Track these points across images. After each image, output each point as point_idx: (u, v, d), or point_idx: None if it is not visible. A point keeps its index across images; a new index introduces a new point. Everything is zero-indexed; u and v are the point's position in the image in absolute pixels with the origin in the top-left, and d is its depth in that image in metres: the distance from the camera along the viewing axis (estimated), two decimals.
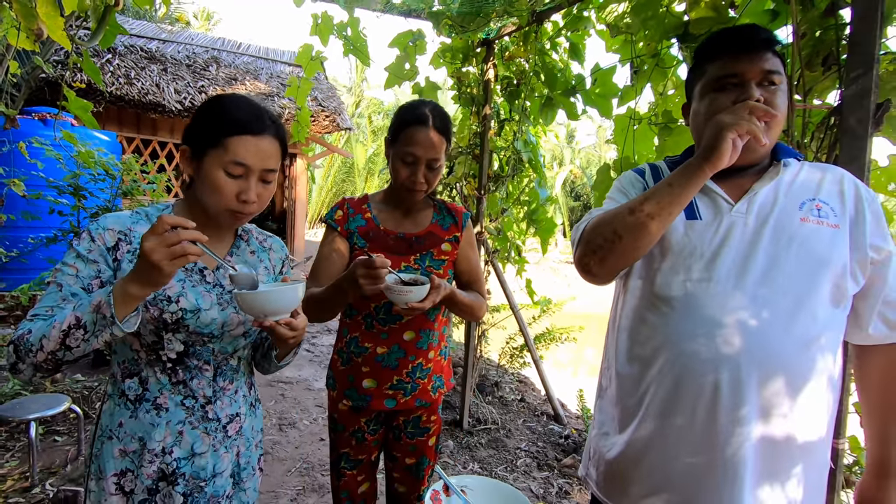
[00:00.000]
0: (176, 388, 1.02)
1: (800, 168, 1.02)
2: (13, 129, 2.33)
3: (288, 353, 1.12)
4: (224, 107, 1.00)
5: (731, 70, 0.98)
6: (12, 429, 2.85)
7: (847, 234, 0.93)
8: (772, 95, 0.95)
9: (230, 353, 1.09)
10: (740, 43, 0.98)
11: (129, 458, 1.01)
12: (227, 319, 1.05)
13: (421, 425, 1.47)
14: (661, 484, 0.97)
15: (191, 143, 1.01)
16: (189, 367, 1.03)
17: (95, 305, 0.85)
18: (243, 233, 1.17)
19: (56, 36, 2.14)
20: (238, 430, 1.11)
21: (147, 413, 1.01)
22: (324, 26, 2.60)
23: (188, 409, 1.03)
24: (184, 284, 1.02)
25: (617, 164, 1.98)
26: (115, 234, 0.98)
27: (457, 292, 1.34)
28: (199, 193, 1.01)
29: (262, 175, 1.01)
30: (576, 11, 2.37)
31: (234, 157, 0.96)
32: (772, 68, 0.96)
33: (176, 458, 1.02)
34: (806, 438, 0.90)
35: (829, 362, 0.91)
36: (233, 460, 1.11)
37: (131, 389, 1.02)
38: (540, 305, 4.10)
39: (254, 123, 0.98)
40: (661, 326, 0.98)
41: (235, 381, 1.11)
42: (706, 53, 1.04)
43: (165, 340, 1.00)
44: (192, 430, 1.03)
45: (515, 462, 2.99)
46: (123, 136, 7.13)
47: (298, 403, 3.69)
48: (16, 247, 3.56)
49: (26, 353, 0.86)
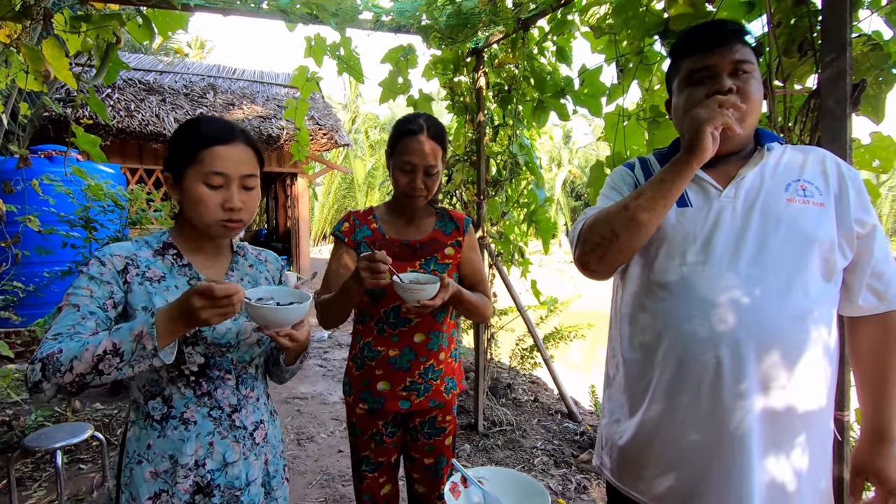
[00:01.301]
0: (201, 401, 1.05)
1: (783, 151, 1.06)
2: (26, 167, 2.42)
3: (295, 360, 1.16)
4: (192, 126, 1.06)
5: (704, 64, 1.03)
6: (38, 459, 2.90)
7: (833, 211, 0.97)
8: (744, 84, 1.00)
9: (248, 361, 1.12)
10: (710, 37, 1.03)
11: (162, 478, 1.01)
12: (241, 328, 1.09)
13: (437, 425, 1.52)
14: (673, 462, 1.00)
15: (171, 168, 1.06)
16: (212, 377, 1.06)
17: (137, 335, 0.87)
18: (239, 249, 1.21)
19: (62, 76, 2.24)
20: (264, 438, 1.14)
21: (175, 430, 1.02)
22: (317, 48, 2.69)
23: (215, 420, 1.06)
24: None
25: (610, 160, 2.04)
26: (123, 259, 1.02)
27: (463, 291, 1.39)
28: (188, 213, 1.05)
29: (242, 182, 1.04)
30: (560, 16, 2.44)
31: (211, 167, 1.01)
32: (741, 58, 1.00)
33: (209, 469, 1.03)
34: (806, 408, 0.93)
35: (823, 334, 0.94)
36: (262, 468, 1.13)
37: (156, 410, 1.03)
38: (547, 305, 4.13)
39: (223, 134, 1.03)
40: (661, 311, 1.02)
41: (256, 388, 1.15)
42: (680, 50, 1.10)
43: (186, 354, 1.02)
44: (221, 441, 1.05)
45: (532, 461, 3.02)
46: (127, 168, 7.27)
47: (315, 418, 3.73)
48: (31, 282, 3.65)
49: (54, 373, 0.86)
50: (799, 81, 1.56)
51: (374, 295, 1.43)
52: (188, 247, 1.11)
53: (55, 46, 2.16)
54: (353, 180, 20.48)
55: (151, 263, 1.05)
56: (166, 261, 1.07)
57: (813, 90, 1.43)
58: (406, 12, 2.45)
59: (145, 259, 1.05)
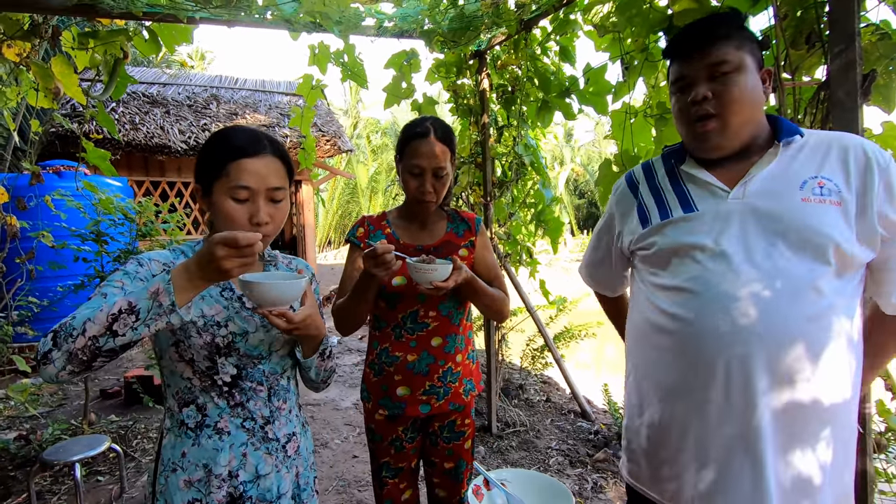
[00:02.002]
0: (235, 411, 1.05)
1: (803, 144, 1.01)
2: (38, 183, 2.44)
3: (312, 352, 1.11)
4: (220, 138, 1.04)
5: (680, 73, 1.05)
6: (56, 472, 2.93)
7: (853, 208, 0.93)
8: (721, 86, 0.99)
9: (279, 373, 1.12)
10: (686, 43, 1.04)
11: (196, 487, 1.01)
12: (273, 339, 1.08)
13: (456, 429, 1.52)
14: (687, 462, 1.00)
15: (199, 180, 1.05)
16: (244, 389, 1.06)
17: (153, 292, 0.84)
18: (270, 258, 1.20)
19: (71, 92, 2.27)
20: (296, 450, 1.14)
21: (209, 439, 1.02)
22: (321, 55, 2.70)
23: (249, 431, 1.05)
24: (228, 311, 1.05)
25: (618, 158, 2.04)
26: (161, 265, 1.03)
27: (477, 279, 1.40)
28: (217, 225, 1.05)
29: (269, 195, 1.03)
30: (562, 16, 2.44)
31: (237, 181, 0.99)
32: (716, 60, 0.99)
33: (242, 481, 1.03)
34: (828, 402, 0.92)
35: (844, 327, 0.93)
36: (293, 481, 1.12)
37: (190, 417, 1.04)
38: (556, 305, 4.12)
39: (249, 146, 1.01)
40: (672, 315, 1.02)
41: (288, 400, 1.14)
42: (666, 55, 1.12)
43: (219, 365, 1.02)
44: (254, 452, 1.05)
45: (547, 461, 3.01)
46: (133, 180, 7.33)
47: (328, 424, 3.74)
48: (45, 296, 3.68)
49: (65, 339, 0.82)
50: (807, 73, 1.55)
51: (391, 300, 1.44)
52: None
53: (64, 63, 2.19)
54: (356, 186, 20.53)
55: None
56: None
57: (822, 82, 1.43)
58: (409, 17, 2.46)
59: None
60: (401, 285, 1.43)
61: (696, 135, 1.04)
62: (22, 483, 2.80)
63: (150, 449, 3.29)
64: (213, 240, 0.84)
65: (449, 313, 1.46)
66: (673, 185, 1.11)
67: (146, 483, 1.02)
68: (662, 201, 1.11)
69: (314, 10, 2.17)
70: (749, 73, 0.99)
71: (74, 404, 4.10)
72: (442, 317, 1.45)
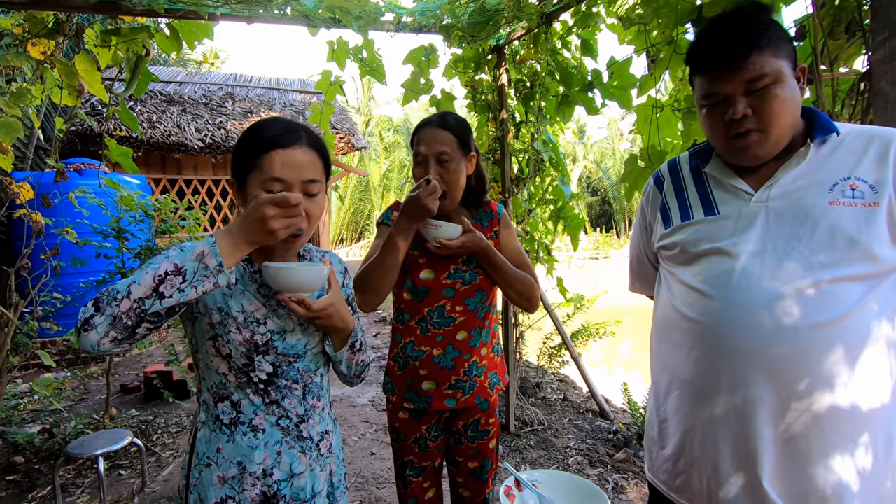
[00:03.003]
0: (270, 409, 1.03)
1: (838, 143, 0.96)
2: (62, 181, 2.47)
3: (341, 346, 1.11)
4: (254, 129, 1.02)
5: (713, 90, 0.96)
6: (80, 466, 2.97)
7: (886, 209, 0.89)
8: (761, 100, 0.92)
9: (313, 370, 1.10)
10: (718, 58, 0.94)
11: (229, 483, 1.00)
12: (309, 339, 1.07)
13: (480, 428, 1.50)
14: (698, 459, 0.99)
15: (235, 174, 1.04)
16: (279, 387, 1.04)
17: (198, 254, 0.84)
18: (305, 253, 1.19)
19: (94, 90, 2.28)
20: (329, 448, 1.12)
21: (244, 436, 1.01)
22: (340, 52, 2.69)
23: (283, 430, 1.04)
24: (266, 307, 1.04)
25: (644, 152, 2.00)
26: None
27: (494, 252, 1.39)
28: None
29: (304, 188, 1.00)
30: (585, 8, 2.40)
31: (270, 173, 0.96)
32: (753, 75, 0.91)
33: (276, 479, 1.02)
34: (865, 408, 0.89)
35: (877, 332, 0.89)
36: (327, 479, 1.11)
37: (225, 413, 1.02)
38: (573, 303, 4.08)
39: (283, 137, 0.98)
40: (688, 313, 1.01)
41: (322, 398, 1.13)
42: (691, 64, 1.02)
43: (256, 362, 1.00)
44: (289, 450, 1.04)
45: (567, 461, 2.98)
46: (151, 178, 7.42)
47: (345, 420, 3.74)
48: (69, 292, 3.74)
49: (108, 303, 0.80)
50: (846, 64, 1.51)
51: (419, 294, 1.42)
52: (258, 251, 1.07)
53: (87, 61, 2.21)
54: (368, 183, 20.60)
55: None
56: (238, 266, 1.05)
57: (863, 73, 1.38)
58: (428, 12, 2.44)
59: None
60: (429, 279, 1.41)
61: (735, 148, 0.98)
62: (46, 476, 2.85)
63: (170, 444, 3.33)
64: (260, 200, 0.84)
65: (476, 307, 1.45)
66: (697, 186, 1.09)
67: (180, 475, 1.02)
68: (685, 201, 1.10)
69: (334, 5, 2.16)
70: (788, 80, 0.93)
71: (96, 398, 4.16)
72: (469, 311, 1.43)
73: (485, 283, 1.44)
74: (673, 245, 1.08)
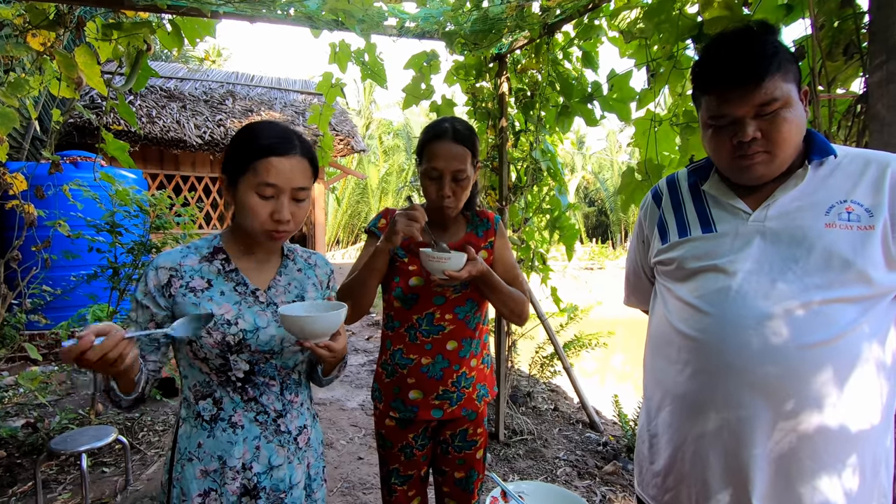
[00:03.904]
0: (248, 406, 1.07)
1: (835, 166, 0.97)
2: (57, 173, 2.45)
3: (333, 370, 1.18)
4: (251, 133, 1.06)
5: (723, 111, 0.94)
6: (62, 462, 2.93)
7: (886, 231, 0.89)
8: (770, 124, 0.92)
9: (291, 367, 1.14)
10: (728, 79, 0.93)
11: (211, 477, 1.04)
12: (285, 336, 1.09)
13: (468, 438, 1.49)
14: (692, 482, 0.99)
15: (226, 172, 1.08)
16: (257, 384, 1.08)
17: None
18: (289, 252, 1.22)
19: (94, 83, 2.27)
20: (307, 442, 1.16)
21: (224, 432, 1.05)
22: (342, 54, 2.70)
23: (262, 425, 1.08)
24: (240, 307, 1.07)
25: (641, 166, 2.00)
26: (167, 272, 1.06)
27: (493, 274, 1.37)
28: (238, 218, 1.08)
29: (294, 194, 1.05)
30: (587, 21, 2.41)
31: (264, 178, 1.01)
32: (765, 99, 0.90)
33: (256, 472, 1.06)
34: (854, 429, 0.89)
35: (868, 354, 0.89)
36: (304, 472, 1.15)
37: (206, 410, 1.06)
38: (567, 313, 4.08)
39: (279, 145, 1.03)
40: (683, 329, 1.01)
41: (300, 394, 1.16)
42: (699, 83, 1.01)
43: (232, 361, 1.05)
44: (267, 444, 1.08)
45: (555, 472, 2.96)
46: (148, 173, 7.38)
47: (334, 424, 3.72)
48: (59, 285, 3.71)
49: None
50: (843, 85, 1.51)
51: (407, 301, 1.41)
52: (238, 250, 1.13)
53: (87, 54, 2.20)
54: (366, 186, 20.59)
55: (196, 273, 1.08)
56: (213, 267, 1.10)
57: (860, 95, 1.39)
58: (431, 18, 2.45)
59: (190, 268, 1.08)
60: (418, 286, 1.40)
61: (740, 168, 0.98)
62: (28, 471, 2.81)
63: (155, 442, 3.29)
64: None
65: (466, 317, 1.44)
66: (695, 203, 1.10)
67: (162, 470, 1.04)
68: (682, 218, 1.10)
69: (337, 7, 2.16)
70: (796, 103, 0.92)
71: (82, 394, 4.12)
72: (458, 320, 1.42)
73: (475, 294, 1.43)
74: (670, 261, 1.08)
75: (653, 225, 1.18)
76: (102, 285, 3.14)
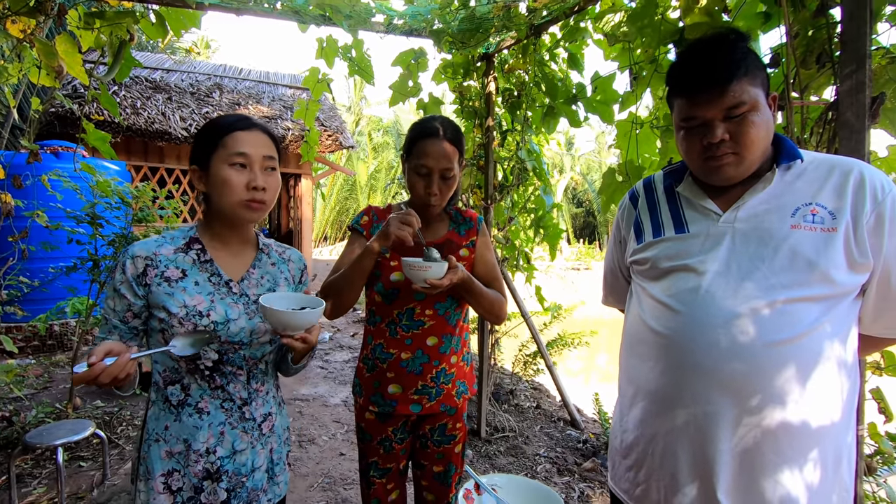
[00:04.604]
0: (215, 393, 1.11)
1: (803, 169, 1.00)
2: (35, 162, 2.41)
3: (303, 358, 1.20)
4: (214, 120, 1.14)
5: (693, 113, 0.98)
6: (38, 456, 2.89)
7: (848, 233, 0.93)
8: (738, 126, 0.95)
9: (259, 357, 1.17)
10: (698, 82, 0.96)
11: (175, 458, 1.08)
12: (255, 328, 1.13)
13: (447, 433, 1.51)
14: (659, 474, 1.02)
15: (197, 161, 1.12)
16: (225, 373, 1.11)
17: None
18: (264, 246, 1.24)
19: (75, 72, 2.24)
20: (271, 428, 1.20)
21: (190, 417, 1.09)
22: (329, 49, 2.69)
23: (227, 412, 1.12)
24: (213, 298, 1.10)
25: (622, 167, 2.03)
26: (143, 261, 1.08)
27: (474, 280, 1.39)
28: (215, 199, 1.10)
29: (264, 163, 1.11)
30: (573, 23, 2.44)
31: (234, 148, 1.08)
32: (733, 102, 0.94)
33: (219, 456, 1.10)
34: (815, 425, 0.92)
35: (830, 352, 0.92)
36: (267, 456, 1.19)
37: (174, 395, 1.09)
38: (550, 312, 4.12)
39: (241, 122, 1.11)
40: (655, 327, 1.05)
41: (266, 383, 1.20)
42: (671, 85, 1.04)
43: (202, 351, 1.07)
44: (231, 430, 1.12)
45: (535, 468, 3.00)
46: (132, 165, 7.27)
47: (316, 420, 3.71)
48: (36, 277, 3.64)
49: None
50: (816, 93, 1.56)
51: (388, 295, 1.42)
52: (214, 241, 1.16)
53: (69, 42, 2.16)
54: (355, 182, 20.49)
55: (171, 262, 1.10)
56: (189, 257, 1.12)
57: (831, 102, 1.43)
58: (419, 16, 2.45)
59: (165, 258, 1.10)
60: (399, 281, 1.41)
61: (709, 168, 1.01)
62: (2, 465, 2.76)
63: (134, 437, 3.25)
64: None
65: (446, 313, 1.45)
66: (669, 204, 1.13)
67: (132, 449, 1.07)
68: (657, 219, 1.13)
69: (325, 2, 2.16)
70: (763, 108, 0.96)
71: (60, 388, 4.05)
72: (438, 316, 1.44)
73: (456, 291, 1.45)
74: (644, 260, 1.11)
75: (629, 225, 1.21)
76: (82, 277, 3.09)
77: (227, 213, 1.11)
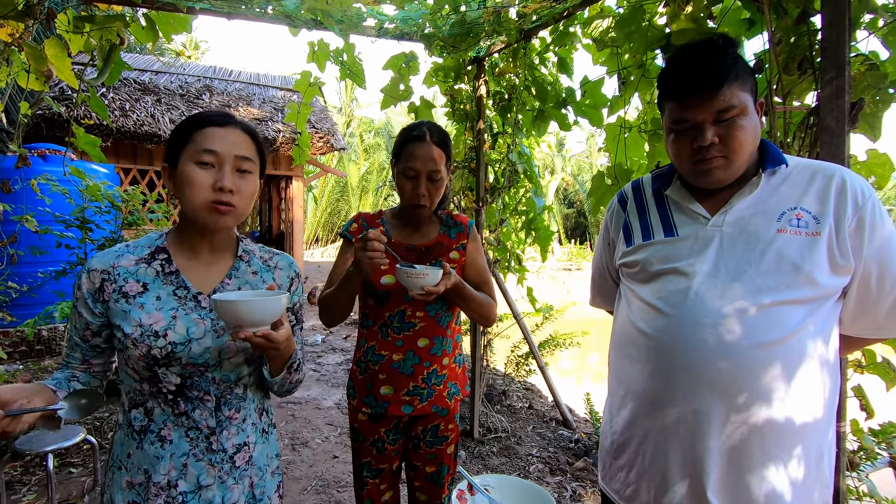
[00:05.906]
0: (179, 420, 0.99)
1: (787, 175, 1.03)
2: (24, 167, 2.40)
3: (280, 370, 1.04)
4: (193, 115, 1.04)
5: (683, 116, 1.00)
6: (28, 462, 2.86)
7: (831, 237, 0.95)
8: (727, 129, 0.97)
9: (233, 381, 1.04)
10: (689, 86, 0.98)
11: (136, 490, 0.98)
12: (223, 347, 1.01)
13: (439, 434, 1.52)
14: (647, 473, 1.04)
15: (168, 157, 1.02)
16: (190, 398, 0.99)
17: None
18: (244, 253, 1.12)
19: (64, 76, 2.22)
20: (247, 460, 1.06)
21: (152, 445, 0.98)
22: (321, 53, 2.70)
23: (192, 441, 1.00)
24: (175, 314, 0.99)
25: (611, 170, 2.06)
26: (99, 275, 0.98)
27: (465, 285, 1.42)
28: (181, 202, 0.99)
29: (237, 163, 0.99)
30: (562, 28, 2.47)
31: (203, 145, 0.97)
32: (723, 106, 0.96)
33: (182, 491, 0.98)
34: (799, 422, 0.95)
35: (813, 351, 0.95)
36: (245, 491, 1.06)
37: (137, 420, 0.99)
38: (542, 312, 4.15)
39: (217, 117, 1.01)
40: (644, 329, 1.06)
41: (243, 409, 1.06)
42: (662, 89, 1.07)
43: (161, 374, 0.97)
44: (196, 463, 0.99)
45: (528, 468, 3.02)
46: (121, 168, 7.21)
47: (309, 423, 3.71)
48: (25, 282, 3.60)
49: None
50: (798, 98, 1.59)
51: (380, 298, 1.44)
52: (183, 250, 1.05)
53: (58, 46, 2.15)
54: (346, 184, 20.44)
55: (131, 275, 0.99)
56: (151, 269, 1.01)
57: (812, 107, 1.47)
58: (410, 20, 2.47)
59: (125, 270, 0.99)
60: (390, 284, 1.43)
61: (699, 171, 1.03)
62: None
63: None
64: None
65: (437, 315, 1.47)
66: (658, 208, 1.15)
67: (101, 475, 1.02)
68: (647, 222, 1.15)
69: (316, 7, 2.17)
70: (751, 112, 0.99)
71: None
72: (429, 318, 1.46)
73: (446, 294, 1.47)
74: (634, 263, 1.13)
75: (618, 228, 1.22)
76: (71, 282, 3.07)
77: (192, 217, 0.99)
